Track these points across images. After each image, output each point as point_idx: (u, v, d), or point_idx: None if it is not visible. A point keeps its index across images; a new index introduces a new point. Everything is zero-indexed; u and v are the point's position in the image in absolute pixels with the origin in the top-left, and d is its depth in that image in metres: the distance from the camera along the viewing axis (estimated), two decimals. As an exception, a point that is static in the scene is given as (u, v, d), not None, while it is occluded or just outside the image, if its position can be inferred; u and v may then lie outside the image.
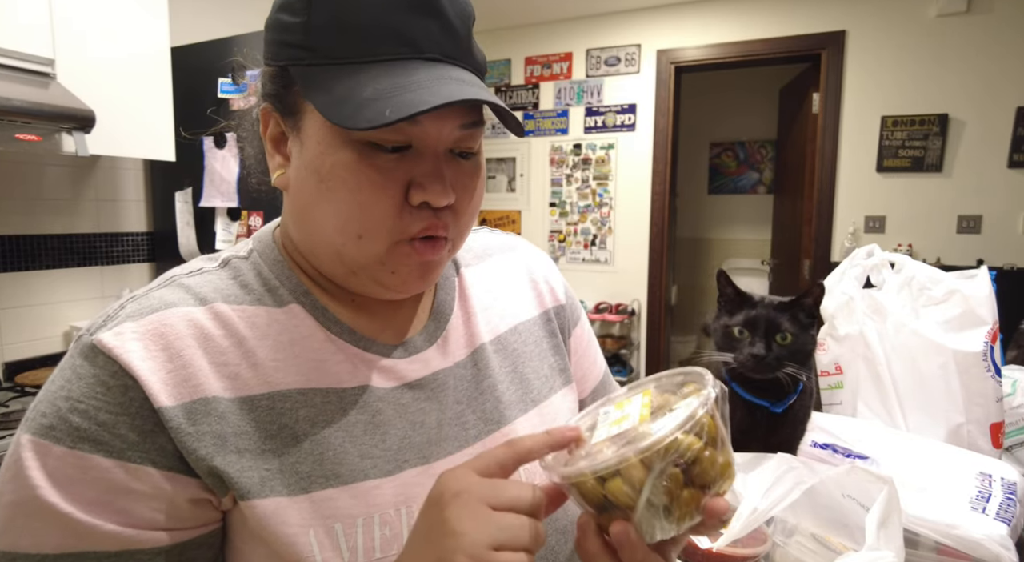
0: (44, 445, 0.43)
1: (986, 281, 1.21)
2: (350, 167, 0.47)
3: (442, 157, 0.50)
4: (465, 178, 0.52)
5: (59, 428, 0.43)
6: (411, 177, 0.49)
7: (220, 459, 0.46)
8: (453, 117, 0.49)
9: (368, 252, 0.50)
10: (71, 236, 2.23)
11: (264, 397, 0.49)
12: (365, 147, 0.47)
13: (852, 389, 1.33)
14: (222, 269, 0.54)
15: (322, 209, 0.50)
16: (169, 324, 0.47)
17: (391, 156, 0.48)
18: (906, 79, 3.36)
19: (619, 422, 0.44)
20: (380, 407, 0.54)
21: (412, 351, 0.58)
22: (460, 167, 0.52)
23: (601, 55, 4.06)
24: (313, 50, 0.47)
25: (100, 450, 0.43)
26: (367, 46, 0.46)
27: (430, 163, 0.49)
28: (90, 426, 0.43)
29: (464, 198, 0.52)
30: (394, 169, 0.48)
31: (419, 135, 0.48)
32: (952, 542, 0.88)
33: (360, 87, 0.45)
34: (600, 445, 0.43)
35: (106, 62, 1.90)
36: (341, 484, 0.49)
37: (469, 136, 0.51)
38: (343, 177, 0.48)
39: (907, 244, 3.40)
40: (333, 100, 0.45)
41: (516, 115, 3.47)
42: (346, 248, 0.50)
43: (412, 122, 0.47)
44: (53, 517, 0.42)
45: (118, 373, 0.44)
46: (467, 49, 0.50)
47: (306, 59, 0.48)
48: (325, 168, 0.48)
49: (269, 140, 0.54)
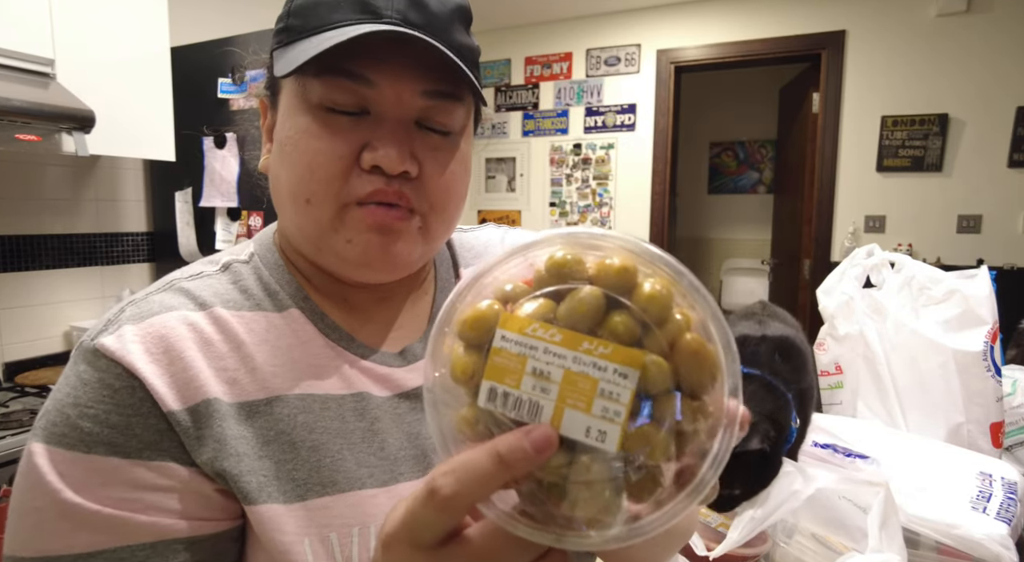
0: (58, 452, 0.42)
1: (986, 281, 1.21)
2: (304, 130, 0.48)
3: (404, 125, 0.49)
4: (435, 152, 0.51)
5: (71, 435, 0.43)
6: (366, 140, 0.48)
7: (222, 462, 0.45)
8: (412, 81, 0.48)
9: (317, 218, 0.49)
10: (71, 236, 2.23)
11: (262, 402, 0.48)
12: (320, 111, 0.48)
13: (852, 389, 1.33)
14: (222, 273, 0.54)
15: (282, 179, 0.50)
16: (169, 327, 0.47)
17: (347, 119, 0.48)
18: (906, 79, 3.36)
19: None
20: (378, 415, 0.53)
21: (411, 359, 0.57)
22: (430, 141, 0.50)
23: (601, 55, 4.06)
24: (289, 29, 0.50)
25: (117, 452, 0.43)
26: (330, 15, 0.48)
27: (388, 128, 0.48)
28: (102, 430, 0.43)
29: (433, 173, 0.50)
30: (348, 132, 0.48)
31: (376, 98, 0.48)
32: (952, 542, 0.88)
33: (309, 44, 0.47)
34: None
35: (106, 62, 1.90)
36: (337, 492, 0.49)
37: (438, 108, 0.50)
38: (296, 140, 0.48)
39: (907, 244, 3.40)
40: (287, 60, 0.47)
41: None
42: (299, 217, 0.50)
43: (366, 84, 0.47)
44: (81, 516, 0.42)
45: (123, 375, 0.44)
46: (441, 27, 0.49)
47: (284, 39, 0.50)
48: (284, 135, 0.50)
49: (265, 130, 0.56)
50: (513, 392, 0.28)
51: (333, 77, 0.47)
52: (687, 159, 5.49)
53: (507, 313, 0.29)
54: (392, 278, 0.54)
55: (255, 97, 0.60)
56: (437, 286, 0.63)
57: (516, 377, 0.28)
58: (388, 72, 0.47)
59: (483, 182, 4.52)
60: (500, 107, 4.40)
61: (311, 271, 0.55)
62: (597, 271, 0.29)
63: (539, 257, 0.31)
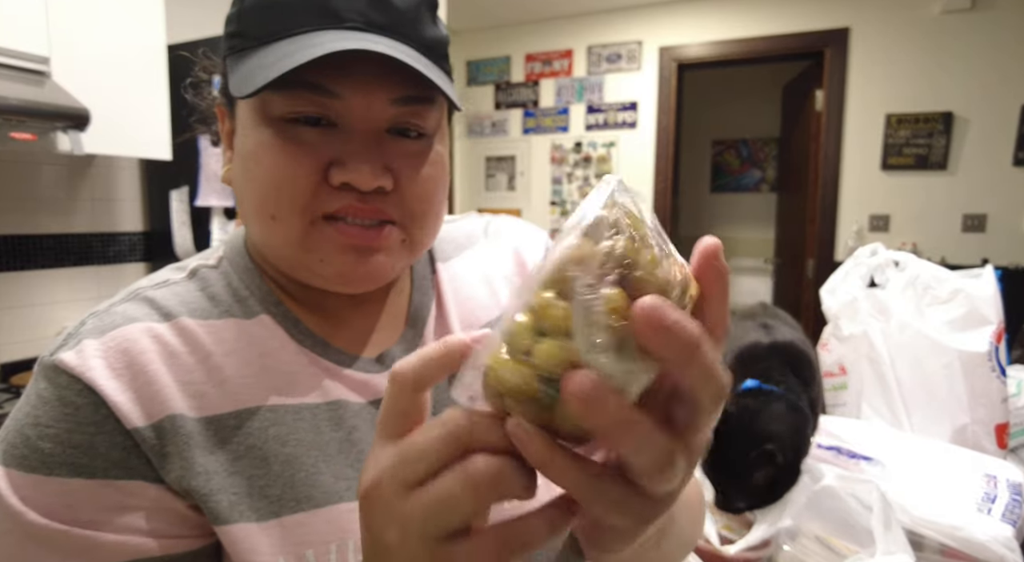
0: (18, 476, 0.41)
1: (991, 280, 1.21)
2: (267, 145, 0.45)
3: (376, 137, 0.46)
4: (409, 159, 0.47)
5: (31, 457, 0.41)
6: (334, 156, 0.45)
7: (190, 480, 0.43)
8: (381, 90, 0.45)
9: (285, 235, 0.46)
10: (66, 236, 2.22)
11: (231, 416, 0.46)
12: (283, 124, 0.45)
13: (856, 390, 1.32)
14: (189, 280, 0.51)
15: (246, 194, 0.47)
16: (132, 340, 0.45)
17: (312, 132, 0.45)
18: (910, 76, 3.34)
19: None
20: (356, 424, 0.50)
21: (390, 364, 0.54)
22: (403, 148, 0.47)
23: (602, 52, 4.04)
24: (242, 34, 0.47)
25: (80, 473, 0.41)
26: (288, 21, 0.45)
27: (358, 142, 0.45)
28: (64, 450, 0.41)
29: (408, 182, 0.47)
30: (315, 145, 0.45)
31: (342, 110, 0.45)
32: (957, 544, 0.87)
33: (267, 56, 0.43)
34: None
35: (102, 60, 1.89)
36: (314, 508, 0.46)
37: (410, 113, 0.47)
38: (258, 156, 0.45)
39: (911, 243, 3.37)
40: (243, 75, 0.44)
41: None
42: (265, 234, 0.47)
43: (332, 96, 0.44)
44: (47, 537, 0.40)
45: (84, 391, 0.42)
46: (408, 23, 0.46)
47: (238, 45, 0.47)
48: (246, 149, 0.46)
49: (224, 137, 0.53)
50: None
51: (295, 90, 0.44)
52: (689, 157, 5.47)
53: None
54: (373, 288, 0.51)
55: (215, 102, 0.57)
56: (413, 284, 0.60)
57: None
58: (355, 83, 0.44)
59: (483, 181, 4.51)
60: (500, 105, 4.39)
61: (283, 277, 0.53)
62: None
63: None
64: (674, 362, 0.25)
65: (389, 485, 0.29)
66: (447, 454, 0.27)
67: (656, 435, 0.25)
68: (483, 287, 0.63)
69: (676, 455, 0.26)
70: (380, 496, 0.29)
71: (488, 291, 0.63)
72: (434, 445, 0.28)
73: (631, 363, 0.25)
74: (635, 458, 0.26)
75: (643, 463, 0.26)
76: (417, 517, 0.27)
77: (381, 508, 0.29)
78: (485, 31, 4.37)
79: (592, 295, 0.26)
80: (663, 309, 0.24)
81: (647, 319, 0.24)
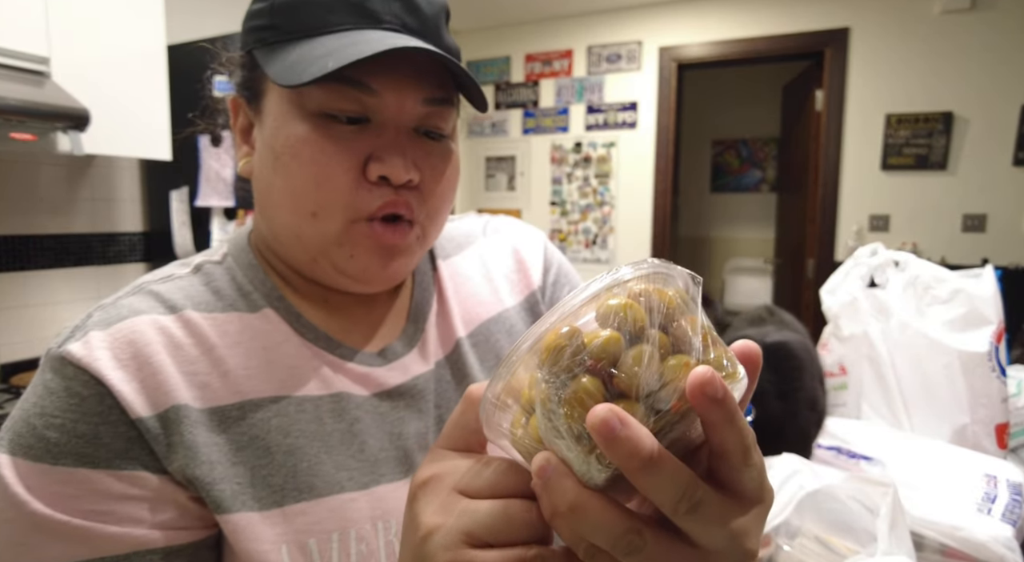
0: (24, 464, 0.41)
1: (991, 280, 1.21)
2: (304, 140, 0.46)
3: (405, 133, 0.49)
4: (433, 159, 0.50)
5: (37, 446, 0.41)
6: (370, 151, 0.47)
7: (193, 470, 0.44)
8: (414, 90, 0.47)
9: (323, 231, 0.48)
10: (66, 236, 2.22)
11: (234, 407, 0.47)
12: (320, 119, 0.47)
13: (856, 390, 1.32)
14: (194, 275, 0.53)
15: (277, 188, 0.48)
16: (138, 331, 0.46)
17: (348, 128, 0.47)
18: (910, 76, 3.33)
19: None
20: (358, 415, 0.51)
21: (391, 358, 0.55)
22: (427, 147, 0.50)
23: (602, 52, 4.04)
24: (275, 27, 0.48)
25: (85, 463, 0.41)
26: (329, 17, 0.46)
27: (390, 137, 0.47)
28: (69, 440, 0.42)
29: (431, 180, 0.50)
30: (351, 141, 0.47)
31: (377, 107, 0.47)
32: (957, 544, 0.87)
33: (312, 50, 0.45)
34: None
35: (102, 60, 1.89)
36: (316, 497, 0.47)
37: (436, 114, 0.50)
38: (296, 150, 0.47)
39: (911, 243, 3.37)
40: (286, 66, 0.45)
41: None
42: (301, 229, 0.48)
43: (369, 92, 0.46)
44: (51, 528, 0.41)
45: (90, 382, 0.43)
46: (433, 30, 0.49)
47: (269, 38, 0.48)
48: (279, 143, 0.47)
49: (238, 131, 0.54)
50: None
51: (335, 84, 0.45)
52: (689, 157, 5.48)
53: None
54: (388, 289, 0.53)
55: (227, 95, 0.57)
56: (415, 281, 0.61)
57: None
58: (390, 80, 0.46)
59: (483, 181, 4.51)
60: (500, 105, 4.39)
61: (288, 272, 0.54)
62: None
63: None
64: (626, 471, 0.25)
65: (447, 482, 0.32)
66: (506, 487, 0.31)
67: (609, 518, 0.26)
68: (484, 284, 0.64)
69: (633, 536, 0.26)
70: (436, 490, 0.32)
71: (489, 288, 0.64)
72: (506, 478, 0.31)
73: (588, 453, 0.26)
74: (593, 540, 0.27)
75: (602, 544, 0.27)
76: (460, 518, 0.30)
77: (436, 500, 0.32)
78: (485, 31, 4.36)
79: (558, 383, 0.26)
80: (612, 422, 0.24)
81: (598, 429, 0.24)
